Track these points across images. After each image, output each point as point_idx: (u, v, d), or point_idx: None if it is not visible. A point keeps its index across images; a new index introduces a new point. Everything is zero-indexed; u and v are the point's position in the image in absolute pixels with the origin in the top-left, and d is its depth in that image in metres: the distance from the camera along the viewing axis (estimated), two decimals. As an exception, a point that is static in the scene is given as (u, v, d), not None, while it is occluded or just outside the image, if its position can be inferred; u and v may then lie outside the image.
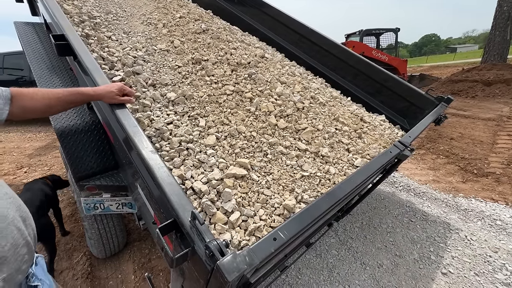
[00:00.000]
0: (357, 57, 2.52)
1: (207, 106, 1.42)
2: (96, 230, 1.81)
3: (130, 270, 1.89)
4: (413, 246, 1.88)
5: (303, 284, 1.62)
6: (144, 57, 1.65)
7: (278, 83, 1.78)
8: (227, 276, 0.55)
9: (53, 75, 2.07)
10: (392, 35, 9.28)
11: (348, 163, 1.34)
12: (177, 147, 1.15)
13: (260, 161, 1.20)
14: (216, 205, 0.98)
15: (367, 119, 1.91)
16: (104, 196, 1.63)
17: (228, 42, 2.04)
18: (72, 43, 1.25)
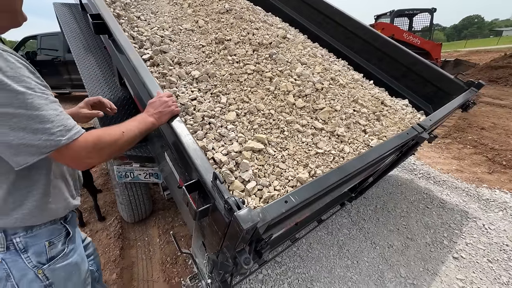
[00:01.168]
0: (383, 39, 2.43)
1: (228, 84, 1.49)
2: (126, 197, 2.00)
3: (155, 234, 2.10)
4: (426, 231, 1.89)
5: (313, 257, 1.71)
6: (171, 37, 1.73)
7: (299, 63, 1.79)
8: (243, 225, 0.64)
9: (88, 53, 2.23)
10: (427, 16, 8.60)
11: (363, 143, 1.37)
12: (200, 121, 1.24)
13: (276, 137, 1.27)
14: (235, 174, 1.06)
15: (388, 102, 1.89)
16: (134, 165, 1.80)
17: (250, 22, 2.06)
18: (108, 22, 1.35)
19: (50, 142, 0.61)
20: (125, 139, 0.78)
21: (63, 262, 0.82)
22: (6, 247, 0.72)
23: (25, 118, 0.58)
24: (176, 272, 1.72)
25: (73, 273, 0.85)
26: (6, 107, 0.56)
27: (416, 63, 2.24)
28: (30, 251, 0.75)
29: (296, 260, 1.68)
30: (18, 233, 0.73)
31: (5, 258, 0.72)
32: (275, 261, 1.68)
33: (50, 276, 0.78)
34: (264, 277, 1.59)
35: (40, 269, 0.76)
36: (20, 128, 0.58)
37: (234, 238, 0.71)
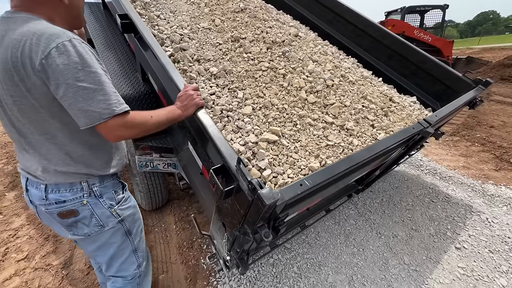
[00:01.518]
0: (392, 37, 2.49)
1: (244, 80, 1.59)
2: (145, 185, 2.14)
3: (171, 221, 2.23)
4: (430, 223, 1.97)
5: (321, 245, 1.81)
6: (189, 35, 1.84)
7: (310, 61, 1.88)
8: (266, 201, 0.75)
9: (108, 50, 2.36)
10: (439, 13, 8.47)
11: (371, 137, 1.45)
12: (219, 114, 1.34)
13: (290, 130, 1.36)
14: (252, 163, 1.17)
15: (397, 99, 1.96)
16: (154, 156, 1.93)
17: (264, 21, 2.15)
18: (135, 22, 1.47)
19: (106, 111, 0.80)
20: (153, 122, 0.95)
21: (126, 205, 1.10)
22: (89, 193, 0.97)
23: (93, 91, 0.78)
24: (192, 255, 1.85)
25: (134, 213, 1.15)
26: (83, 82, 0.76)
27: (425, 61, 2.29)
28: (104, 197, 1.01)
29: (305, 247, 1.79)
30: (95, 184, 0.98)
31: (89, 201, 0.97)
32: (285, 247, 1.79)
33: (120, 213, 1.06)
34: (275, 261, 1.70)
35: (113, 208, 1.03)
36: (89, 97, 0.77)
37: (256, 214, 0.82)
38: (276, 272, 1.61)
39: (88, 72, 0.77)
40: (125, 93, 1.87)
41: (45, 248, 1.99)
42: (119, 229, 1.07)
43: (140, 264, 1.19)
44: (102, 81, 0.80)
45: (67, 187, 0.93)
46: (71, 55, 0.75)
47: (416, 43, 7.70)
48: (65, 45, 0.75)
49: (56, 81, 0.75)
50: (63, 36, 0.77)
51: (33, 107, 0.81)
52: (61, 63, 0.74)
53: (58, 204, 0.93)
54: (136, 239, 1.16)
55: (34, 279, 1.73)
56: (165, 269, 1.79)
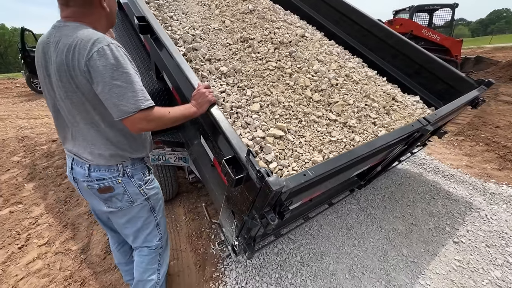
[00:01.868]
0: (397, 37, 2.54)
1: (253, 79, 1.68)
2: (157, 178, 2.25)
3: (181, 213, 2.35)
4: (430, 218, 2.03)
5: (324, 237, 1.90)
6: (201, 35, 1.94)
7: (316, 61, 1.96)
8: (273, 187, 0.84)
9: (123, 49, 2.48)
10: (448, 12, 8.38)
11: (372, 134, 1.53)
12: (229, 111, 1.44)
13: (295, 126, 1.45)
14: (259, 156, 1.26)
15: (399, 98, 2.02)
16: (166, 150, 2.04)
17: (272, 22, 2.23)
18: (152, 24, 1.57)
19: (135, 105, 0.92)
20: (169, 117, 1.06)
21: (151, 185, 1.28)
22: (123, 174, 1.14)
23: (124, 88, 0.91)
24: (201, 244, 1.96)
25: (158, 192, 1.32)
26: (117, 81, 0.90)
27: (428, 61, 2.34)
28: (135, 177, 1.19)
29: (308, 238, 1.88)
30: (128, 166, 1.16)
31: (123, 180, 1.14)
32: (289, 238, 1.88)
33: (147, 192, 1.24)
34: (279, 251, 1.80)
35: (141, 188, 1.21)
36: (121, 94, 0.91)
37: (264, 200, 0.92)
38: (280, 261, 1.71)
39: (121, 72, 0.91)
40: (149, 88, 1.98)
41: (64, 234, 2.13)
42: (146, 205, 1.25)
43: (162, 237, 1.38)
44: (132, 80, 0.94)
45: (106, 168, 1.11)
46: (108, 58, 0.90)
47: (424, 42, 7.68)
48: (104, 49, 0.90)
49: (96, 79, 0.90)
50: (103, 41, 0.91)
51: (81, 101, 0.97)
52: (101, 65, 0.89)
53: (99, 181, 1.11)
54: (159, 215, 1.34)
55: (55, 262, 1.87)
56: (175, 256, 1.90)
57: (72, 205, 2.55)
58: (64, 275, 1.75)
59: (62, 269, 1.80)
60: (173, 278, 1.73)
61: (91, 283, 1.69)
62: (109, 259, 1.88)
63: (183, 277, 1.71)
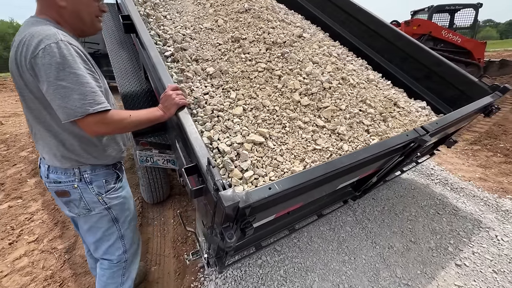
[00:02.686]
0: (406, 39, 2.38)
1: (239, 81, 1.60)
2: (147, 179, 2.23)
3: (170, 216, 2.31)
4: (432, 236, 1.86)
5: (312, 250, 1.78)
6: (191, 35, 1.88)
7: (310, 62, 1.84)
8: (225, 203, 0.75)
9: (121, 49, 2.48)
10: (471, 12, 7.90)
11: (364, 143, 1.40)
12: (210, 114, 1.36)
13: (278, 132, 1.35)
14: (235, 163, 1.18)
15: (402, 104, 1.87)
16: (154, 151, 2.00)
17: (267, 21, 2.14)
18: (135, 22, 1.53)
19: (80, 109, 0.87)
20: (130, 120, 1.01)
21: (115, 194, 1.18)
22: (80, 179, 1.07)
23: (70, 90, 0.85)
24: (185, 250, 1.90)
25: (124, 203, 1.22)
26: (62, 81, 0.84)
27: (439, 64, 2.18)
28: (94, 184, 1.10)
29: (295, 251, 1.77)
30: (86, 171, 1.08)
31: (79, 185, 1.07)
32: (275, 249, 1.78)
33: (108, 202, 1.14)
34: (263, 262, 1.70)
35: (100, 196, 1.12)
36: (66, 95, 0.85)
37: (220, 215, 0.83)
38: (262, 274, 1.61)
39: (68, 73, 0.85)
40: (132, 89, 1.96)
41: (53, 232, 2.14)
42: (106, 215, 1.16)
43: (127, 250, 1.27)
44: (81, 81, 0.87)
45: (63, 171, 1.06)
46: (54, 56, 0.84)
47: (444, 44, 7.28)
48: (51, 47, 0.84)
49: (41, 78, 0.85)
50: (51, 38, 0.86)
51: (31, 99, 0.94)
52: (46, 63, 0.84)
53: (56, 184, 1.07)
54: (124, 227, 1.24)
55: (39, 260, 1.87)
56: (158, 262, 1.85)
57: (67, 202, 2.57)
58: (45, 275, 1.74)
59: (45, 268, 1.80)
60: (152, 285, 1.67)
61: (69, 284, 1.67)
62: (92, 260, 1.86)
63: (161, 285, 1.65)
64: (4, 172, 3.23)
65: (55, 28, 0.91)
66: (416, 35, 7.26)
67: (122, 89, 1.85)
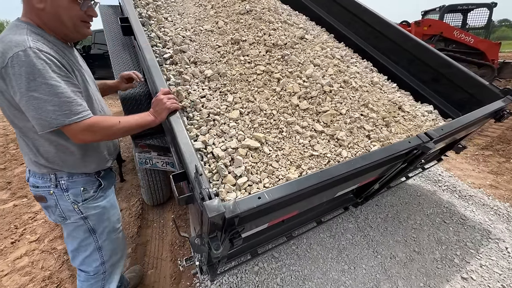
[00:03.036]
0: (413, 40, 2.31)
1: (237, 84, 1.57)
2: (146, 181, 2.22)
3: (169, 218, 2.30)
4: (437, 246, 1.78)
5: (311, 257, 1.73)
6: (191, 37, 1.86)
7: (311, 65, 1.80)
8: (209, 213, 0.72)
9: (124, 51, 2.49)
10: (486, 12, 7.65)
11: (364, 149, 1.35)
12: (205, 117, 1.34)
13: (274, 137, 1.31)
14: (229, 169, 1.14)
15: (407, 108, 1.81)
16: (153, 154, 1.99)
17: (269, 23, 2.11)
18: (133, 25, 1.52)
19: (56, 121, 0.85)
20: (120, 127, 0.99)
21: (93, 204, 1.11)
22: (55, 185, 1.03)
23: (43, 101, 0.82)
24: (182, 254, 1.88)
25: (103, 213, 1.15)
26: (34, 92, 0.81)
27: (448, 66, 2.10)
28: (70, 192, 1.05)
29: (293, 258, 1.72)
30: (63, 177, 1.04)
31: (55, 192, 1.03)
32: (273, 256, 1.74)
33: (84, 211, 1.08)
34: (260, 269, 1.66)
35: (76, 204, 1.06)
36: (39, 107, 0.82)
37: (205, 225, 0.80)
38: (259, 281, 1.58)
39: (39, 83, 0.81)
40: (131, 92, 1.96)
41: (54, 232, 2.16)
42: (81, 225, 1.10)
43: (105, 262, 1.19)
44: (54, 91, 0.83)
45: (40, 176, 1.04)
46: (22, 65, 0.80)
47: (456, 45, 7.08)
48: (19, 55, 0.80)
49: (13, 89, 0.82)
50: (20, 45, 0.81)
51: (7, 106, 0.90)
52: (16, 73, 0.80)
53: (34, 188, 1.05)
54: (101, 239, 1.16)
55: (39, 260, 1.89)
56: (155, 265, 1.84)
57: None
58: (43, 275, 1.75)
59: (44, 269, 1.81)
60: (148, 289, 1.66)
61: (66, 286, 1.68)
62: (90, 262, 1.86)
63: (157, 289, 1.64)
64: (12, 170, 3.30)
65: (28, 33, 0.86)
66: (427, 35, 7.09)
67: (121, 92, 1.85)
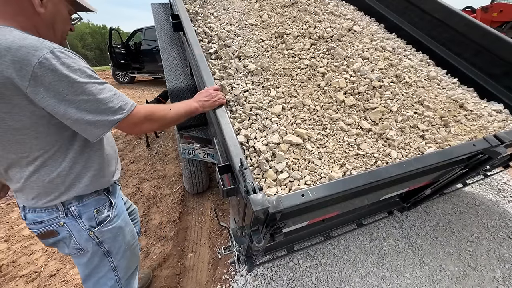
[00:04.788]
0: (483, 29, 2.02)
1: (280, 78, 1.55)
2: (188, 171, 2.35)
3: (208, 207, 2.40)
4: (499, 264, 1.57)
5: (348, 260, 1.67)
6: (236, 32, 1.89)
7: (359, 58, 1.70)
8: (253, 207, 0.73)
9: (173, 46, 2.63)
10: None
11: (417, 150, 1.24)
12: (248, 111, 1.35)
13: (317, 134, 1.28)
14: (270, 164, 1.15)
15: (470, 106, 1.61)
16: (195, 145, 2.09)
17: (314, 14, 2.03)
18: (183, 21, 1.59)
19: (114, 117, 0.80)
20: (171, 115, 0.98)
21: (109, 226, 0.99)
22: (65, 214, 0.89)
23: (94, 102, 0.76)
24: (219, 242, 1.97)
25: (118, 234, 1.03)
26: (81, 95, 0.73)
27: None
28: (83, 217, 0.92)
29: (330, 258, 1.68)
30: (72, 203, 0.90)
31: (66, 222, 0.89)
32: (308, 254, 1.72)
33: (100, 236, 0.96)
34: (295, 265, 1.65)
35: (92, 231, 0.94)
36: (93, 109, 0.76)
37: (250, 218, 0.82)
38: (293, 278, 1.57)
39: (81, 83, 0.73)
40: (179, 85, 2.07)
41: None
42: (97, 251, 0.99)
43: (120, 279, 1.09)
44: (98, 90, 0.77)
45: (41, 209, 0.88)
46: (58, 70, 0.69)
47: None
48: (48, 59, 0.68)
49: (50, 101, 0.70)
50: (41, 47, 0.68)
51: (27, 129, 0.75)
52: (52, 81, 0.69)
53: (37, 225, 0.88)
54: (117, 259, 1.05)
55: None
56: (194, 250, 1.95)
57: (122, 185, 2.88)
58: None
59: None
60: (188, 271, 1.77)
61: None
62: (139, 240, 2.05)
63: (196, 273, 1.74)
64: None
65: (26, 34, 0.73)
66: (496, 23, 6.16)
67: (169, 84, 1.97)
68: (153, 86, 8.79)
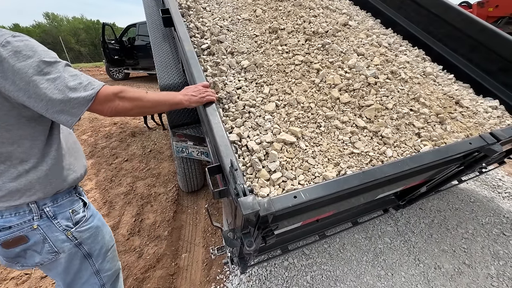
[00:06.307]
0: (480, 25, 2.00)
1: (274, 75, 1.52)
2: (182, 169, 2.31)
3: (203, 205, 2.38)
4: (493, 260, 1.57)
5: (344, 258, 1.66)
6: (229, 27, 1.84)
7: (354, 54, 1.66)
8: (243, 211, 0.71)
9: (165, 42, 2.56)
10: None
11: (412, 149, 1.22)
12: (241, 109, 1.32)
13: (311, 132, 1.25)
14: (263, 163, 1.12)
15: (466, 103, 1.59)
16: (189, 143, 2.06)
17: (309, 9, 1.99)
18: (173, 16, 1.54)
19: (87, 93, 0.75)
20: (148, 98, 0.92)
21: (86, 226, 0.95)
22: (40, 216, 0.83)
23: (62, 80, 0.72)
24: (214, 241, 1.94)
25: (97, 234, 1.00)
26: (48, 75, 0.70)
27: None
28: (59, 217, 0.88)
29: (325, 257, 1.67)
30: (46, 204, 0.85)
31: (40, 224, 0.83)
32: (303, 253, 1.70)
33: (78, 236, 0.92)
34: (289, 265, 1.64)
35: (69, 231, 0.89)
36: (63, 88, 0.72)
37: (239, 221, 0.79)
38: (288, 277, 1.56)
39: (48, 63, 0.72)
40: (170, 81, 2.02)
41: (101, 211, 2.37)
42: (77, 252, 0.93)
43: (104, 284, 1.05)
44: (64, 67, 0.75)
45: (12, 211, 0.80)
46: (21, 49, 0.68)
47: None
48: (9, 42, 0.67)
49: (12, 79, 0.67)
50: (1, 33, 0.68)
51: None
52: (17, 63, 0.67)
53: (3, 232, 0.79)
54: (98, 261, 1.01)
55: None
56: (189, 249, 1.93)
57: (115, 184, 2.84)
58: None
59: (93, 243, 2.01)
60: (182, 271, 1.75)
61: (111, 260, 1.84)
62: (132, 240, 2.02)
63: (190, 273, 1.72)
64: None
65: None
66: (492, 18, 6.16)
67: (161, 81, 1.92)
68: (148, 82, 8.68)
